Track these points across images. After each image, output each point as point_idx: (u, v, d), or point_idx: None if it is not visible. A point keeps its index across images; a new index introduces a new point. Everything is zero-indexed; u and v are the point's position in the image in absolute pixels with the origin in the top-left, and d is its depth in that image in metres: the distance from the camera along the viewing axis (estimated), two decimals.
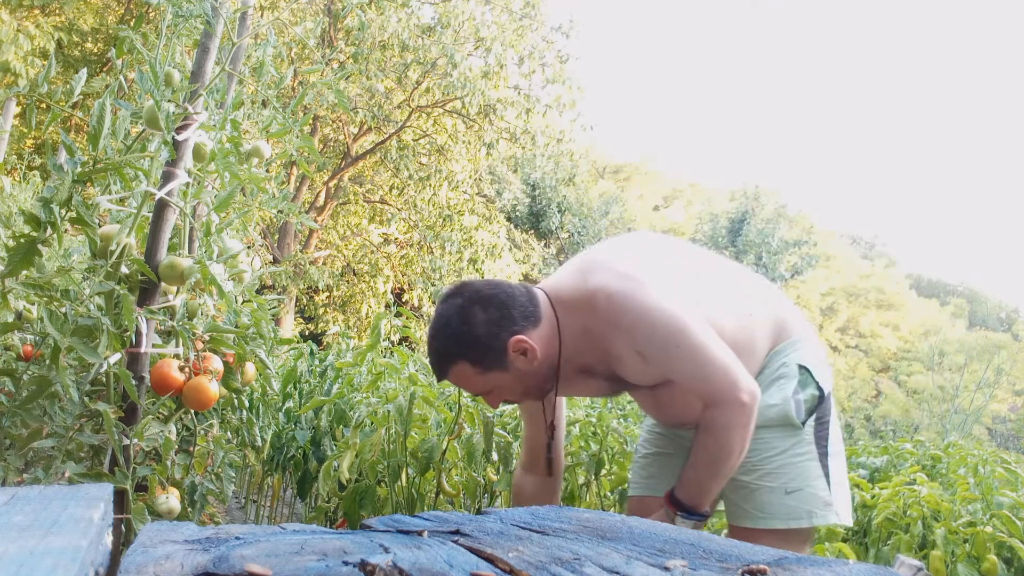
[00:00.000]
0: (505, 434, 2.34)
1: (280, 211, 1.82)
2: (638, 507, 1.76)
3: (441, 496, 2.36)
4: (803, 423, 1.55)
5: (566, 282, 1.55)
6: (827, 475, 1.55)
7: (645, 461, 1.82)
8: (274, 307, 1.90)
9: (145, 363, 1.56)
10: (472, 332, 1.45)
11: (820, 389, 1.57)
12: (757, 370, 1.60)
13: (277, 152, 1.93)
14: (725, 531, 2.12)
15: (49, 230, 1.39)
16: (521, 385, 1.53)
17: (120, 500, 1.47)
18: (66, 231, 1.46)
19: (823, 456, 1.56)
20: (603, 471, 2.50)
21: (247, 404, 1.97)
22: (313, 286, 15.01)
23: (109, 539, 0.66)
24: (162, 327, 1.64)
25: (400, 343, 3.71)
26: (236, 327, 1.70)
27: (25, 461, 1.50)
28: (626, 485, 2.52)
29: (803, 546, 1.56)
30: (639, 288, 1.46)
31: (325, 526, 1.40)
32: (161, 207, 1.56)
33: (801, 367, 1.58)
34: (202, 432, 1.76)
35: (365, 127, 15.45)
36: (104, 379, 1.50)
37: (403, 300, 16.57)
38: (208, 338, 1.65)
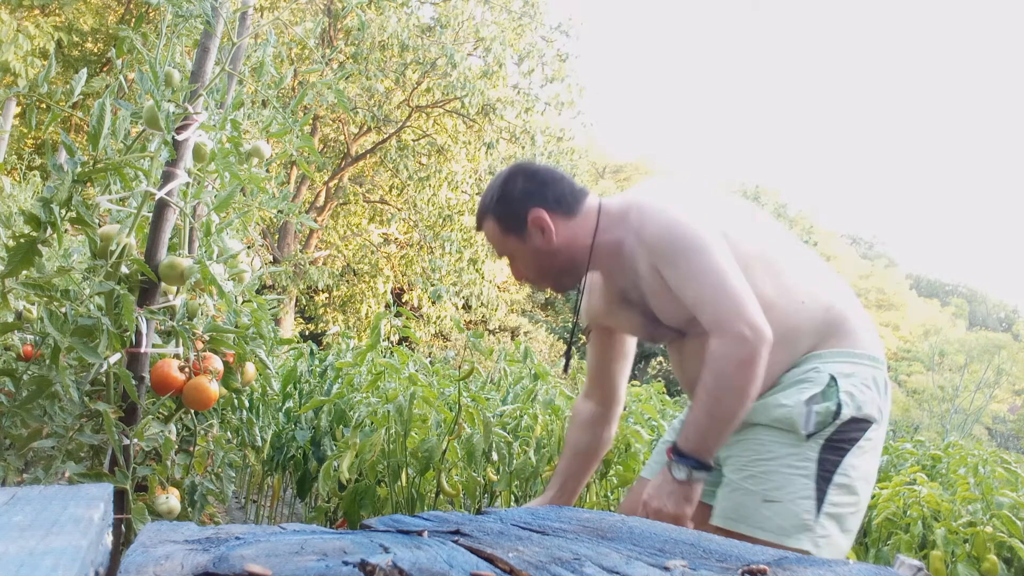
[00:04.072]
0: (505, 434, 2.34)
1: (280, 211, 1.82)
2: (638, 486, 1.75)
3: (441, 496, 2.36)
4: (808, 436, 1.41)
5: (617, 197, 1.64)
6: (820, 500, 1.40)
7: (663, 447, 1.79)
8: (274, 307, 1.90)
9: (145, 363, 1.56)
10: (506, 194, 1.59)
11: (838, 406, 1.41)
12: (788, 365, 1.50)
13: (277, 152, 1.93)
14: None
15: (49, 230, 1.39)
16: (536, 262, 1.62)
17: (120, 500, 1.47)
18: (66, 231, 1.46)
19: (823, 480, 1.40)
20: (608, 471, 2.50)
21: (247, 404, 1.97)
22: (313, 286, 15.01)
23: (109, 539, 0.66)
24: (162, 327, 1.63)
25: (400, 343, 3.70)
26: (236, 327, 1.69)
27: (25, 461, 1.49)
28: (631, 485, 2.52)
29: None
30: (671, 207, 1.49)
31: (325, 526, 1.40)
32: (161, 207, 1.56)
33: (833, 378, 1.43)
34: (202, 432, 1.76)
35: (365, 127, 15.45)
36: (104, 379, 1.50)
37: (403, 300, 16.56)
38: (208, 338, 1.65)
